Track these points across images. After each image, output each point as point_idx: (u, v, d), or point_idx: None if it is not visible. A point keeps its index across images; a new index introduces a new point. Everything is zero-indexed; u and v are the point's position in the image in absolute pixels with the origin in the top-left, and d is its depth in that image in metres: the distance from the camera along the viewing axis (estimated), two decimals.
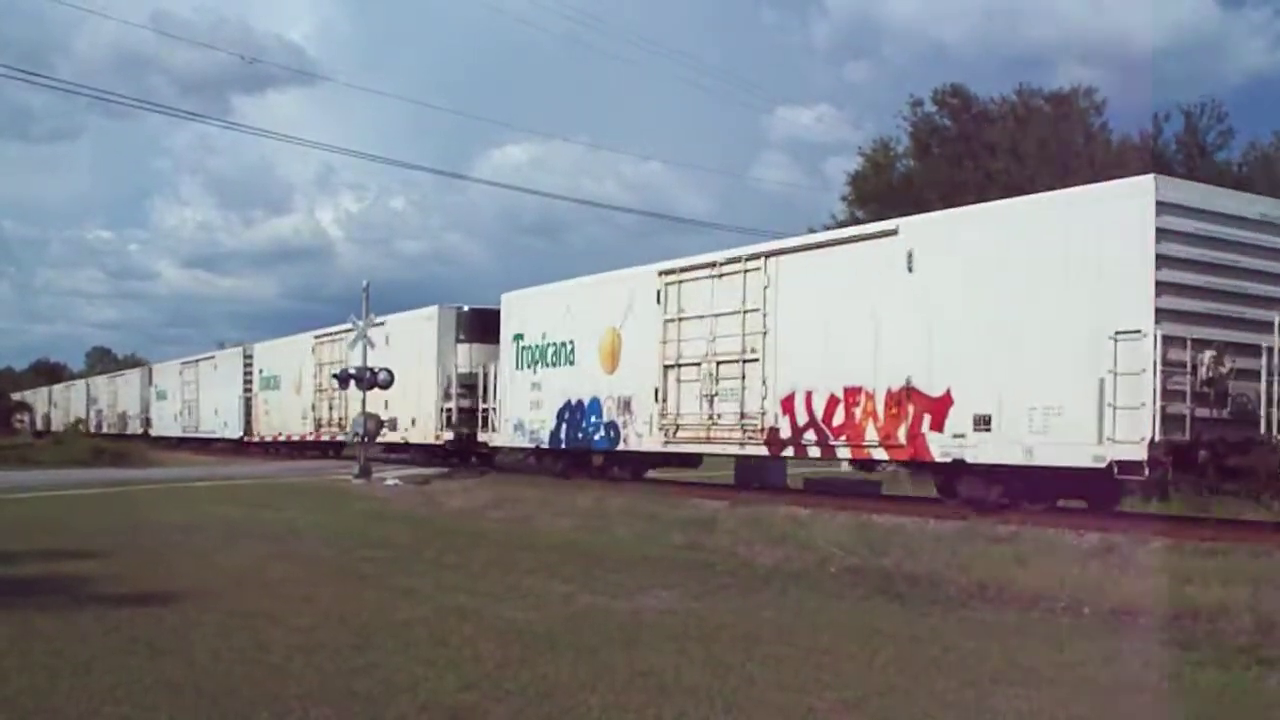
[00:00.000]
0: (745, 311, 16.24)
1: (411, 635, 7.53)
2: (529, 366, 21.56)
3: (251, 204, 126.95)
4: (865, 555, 10.90)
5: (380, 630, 7.70)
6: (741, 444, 16.65)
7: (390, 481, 21.73)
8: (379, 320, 24.06)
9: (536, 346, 21.42)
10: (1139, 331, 11.32)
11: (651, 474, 20.40)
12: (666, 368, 17.77)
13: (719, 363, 16.73)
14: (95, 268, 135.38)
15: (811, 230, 28.05)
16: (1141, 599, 8.41)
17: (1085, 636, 7.68)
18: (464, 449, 24.92)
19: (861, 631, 7.80)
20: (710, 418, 16.90)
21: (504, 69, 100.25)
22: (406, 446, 26.78)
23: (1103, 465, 11.57)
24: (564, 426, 20.49)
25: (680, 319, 17.60)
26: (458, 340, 24.88)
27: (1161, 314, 11.38)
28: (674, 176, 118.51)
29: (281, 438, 34.41)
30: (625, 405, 18.81)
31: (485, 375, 23.46)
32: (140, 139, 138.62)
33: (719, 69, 79.74)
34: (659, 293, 18.01)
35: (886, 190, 36.92)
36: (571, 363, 20.34)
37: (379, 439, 25.71)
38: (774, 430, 15.86)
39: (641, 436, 18.47)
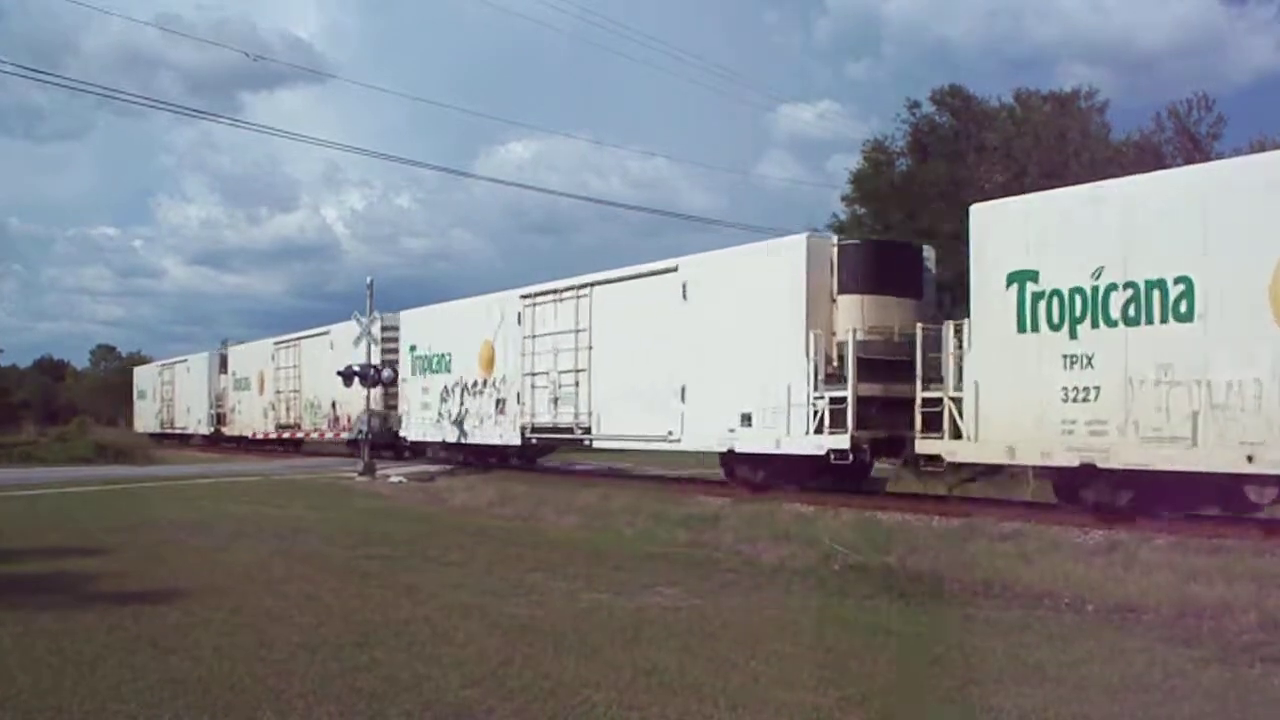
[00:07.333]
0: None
1: (415, 633, 7.54)
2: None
3: (257, 201, 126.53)
4: (869, 553, 10.92)
5: (383, 628, 7.71)
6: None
7: (394, 479, 21.77)
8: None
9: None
10: None
11: (654, 470, 21.33)
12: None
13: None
14: (101, 265, 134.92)
15: (811, 228, 28.48)
16: (1145, 596, 8.42)
17: (1089, 634, 7.68)
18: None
19: (865, 629, 7.81)
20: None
21: (509, 66, 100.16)
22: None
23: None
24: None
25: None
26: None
27: None
28: (679, 173, 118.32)
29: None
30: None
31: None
32: (146, 137, 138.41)
33: (723, 66, 79.74)
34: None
35: (887, 189, 36.79)
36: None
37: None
38: None
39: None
